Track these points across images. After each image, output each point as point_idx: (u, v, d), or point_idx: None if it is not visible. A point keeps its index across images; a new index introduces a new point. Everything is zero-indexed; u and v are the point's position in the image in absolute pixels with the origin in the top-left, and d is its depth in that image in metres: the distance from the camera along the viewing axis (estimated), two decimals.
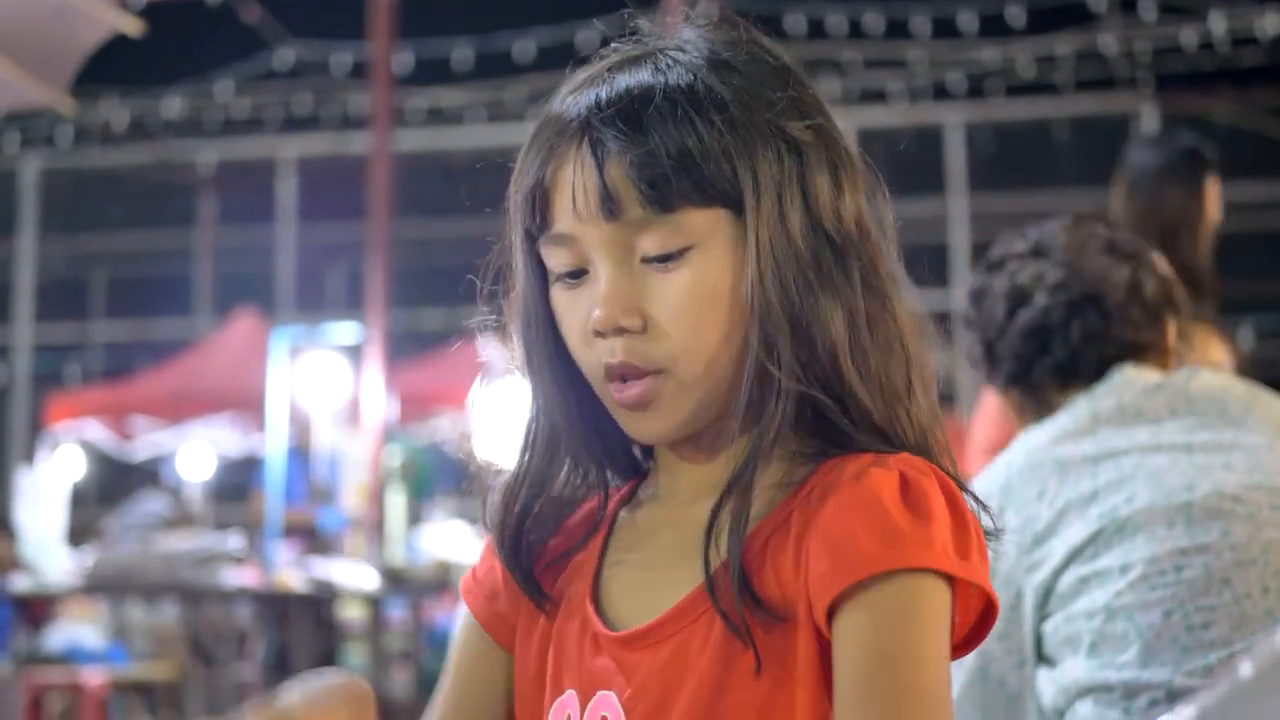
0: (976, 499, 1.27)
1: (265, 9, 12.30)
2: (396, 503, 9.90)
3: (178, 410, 11.58)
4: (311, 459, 10.75)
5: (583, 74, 1.36)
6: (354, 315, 11.31)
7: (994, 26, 12.83)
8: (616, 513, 1.39)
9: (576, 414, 1.36)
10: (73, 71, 5.10)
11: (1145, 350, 2.27)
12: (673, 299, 1.27)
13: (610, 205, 1.27)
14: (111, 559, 7.69)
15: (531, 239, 1.34)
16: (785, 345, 1.27)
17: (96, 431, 11.87)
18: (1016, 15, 12.60)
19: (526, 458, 1.38)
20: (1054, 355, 2.27)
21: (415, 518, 10.80)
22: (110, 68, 6.77)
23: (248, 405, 10.89)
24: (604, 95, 1.31)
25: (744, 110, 1.30)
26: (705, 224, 1.28)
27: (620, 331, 1.28)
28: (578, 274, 1.31)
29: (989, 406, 3.36)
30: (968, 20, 12.81)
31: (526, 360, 1.38)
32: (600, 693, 1.29)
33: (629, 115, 1.29)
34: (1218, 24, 12.68)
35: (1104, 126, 15.03)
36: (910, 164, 15.25)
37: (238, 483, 13.05)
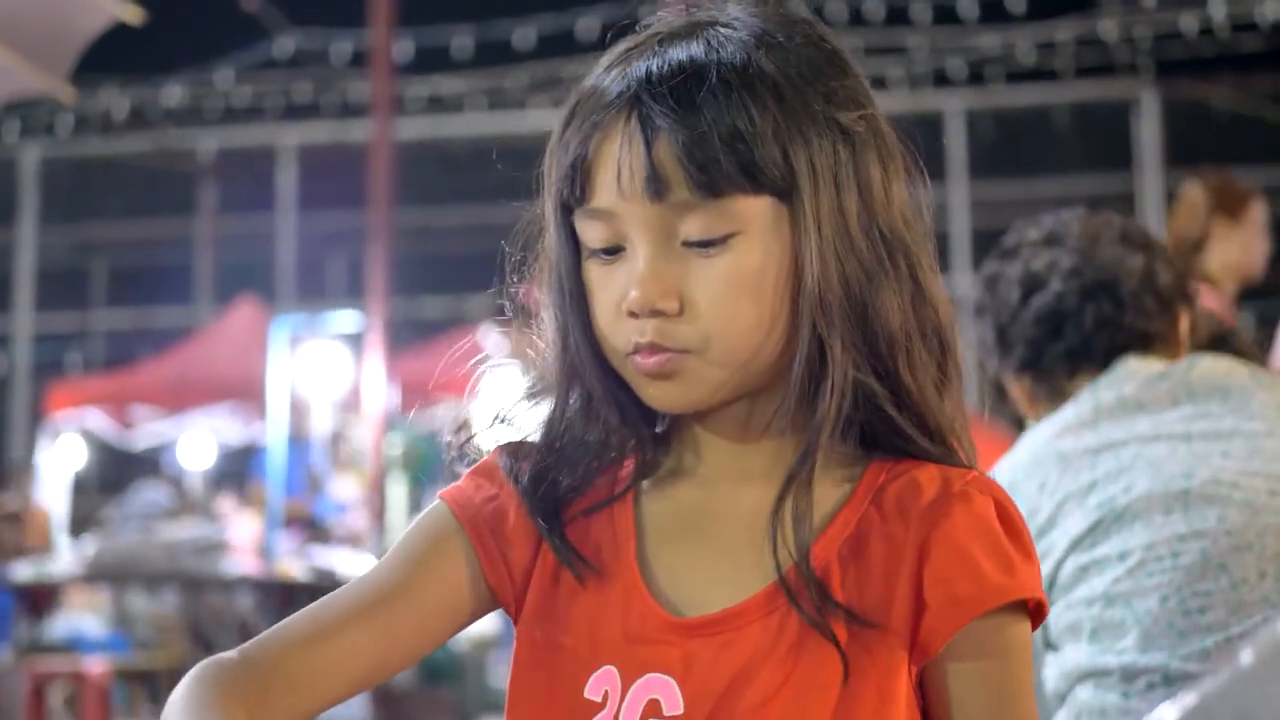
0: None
1: None
2: (397, 491, 9.91)
3: (178, 399, 11.59)
4: (310, 448, 10.76)
5: (626, 45, 1.31)
6: (354, 304, 11.31)
7: (994, 13, 12.82)
8: (636, 482, 1.35)
9: (606, 382, 1.31)
10: (73, 60, 5.10)
11: (1155, 340, 2.27)
12: (713, 284, 1.24)
13: (657, 186, 1.24)
14: (113, 548, 7.71)
15: (568, 211, 1.30)
16: (848, 335, 1.26)
17: (97, 420, 11.88)
18: (1017, 2, 12.59)
19: (558, 416, 1.34)
20: (1066, 341, 2.27)
21: (416, 506, 10.81)
22: (110, 56, 6.77)
23: (248, 394, 10.90)
24: (655, 69, 1.26)
25: (798, 95, 1.26)
26: (752, 211, 1.25)
27: (655, 314, 1.24)
28: (613, 250, 1.28)
29: None
30: (968, 7, 12.80)
31: (561, 331, 1.33)
32: (651, 675, 1.27)
33: (681, 93, 1.24)
34: (1218, 10, 12.67)
35: (1104, 113, 15.04)
36: (911, 151, 15.25)
37: (238, 471, 13.06)
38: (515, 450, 1.36)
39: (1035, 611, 1.27)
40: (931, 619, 1.23)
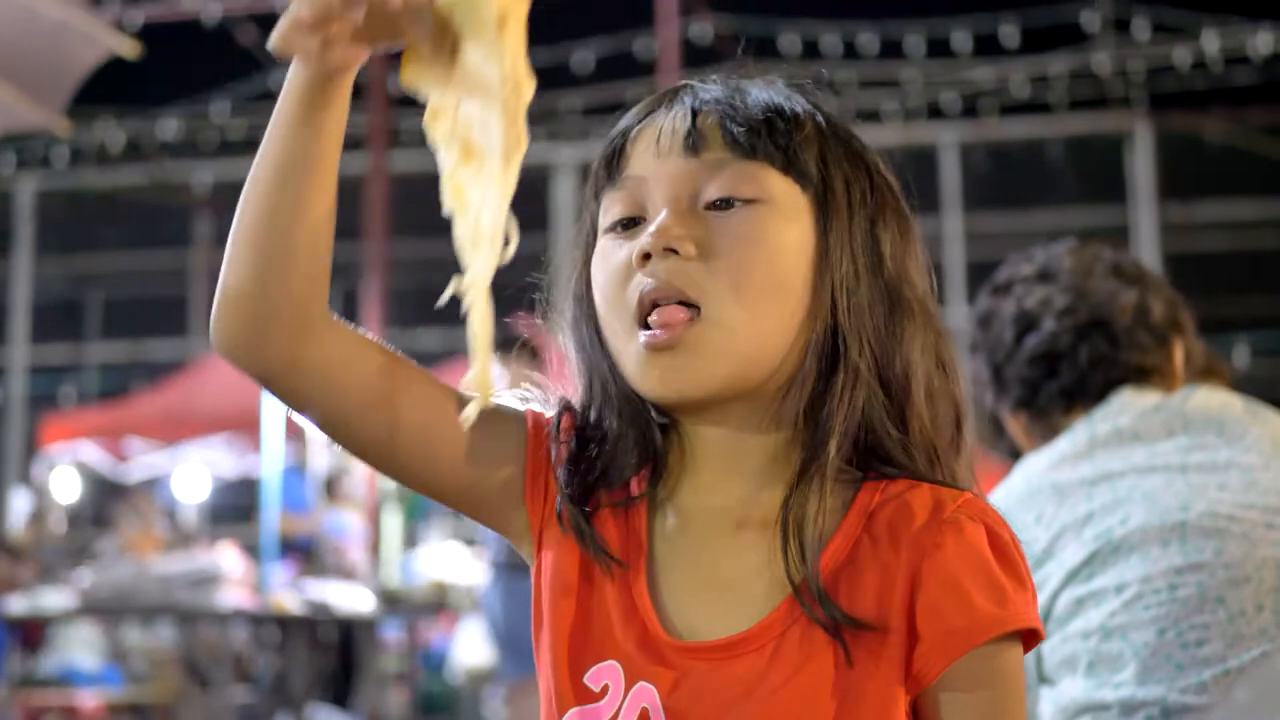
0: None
1: (261, 30, 12.30)
2: (392, 524, 9.88)
3: (173, 431, 11.57)
4: (306, 480, 10.73)
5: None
6: None
7: (988, 46, 12.86)
8: (652, 490, 1.36)
9: (620, 388, 1.34)
10: (69, 93, 5.11)
11: (1151, 373, 2.27)
12: (730, 233, 1.28)
13: (694, 140, 1.30)
14: (107, 581, 7.68)
15: (596, 197, 1.37)
16: (869, 344, 1.29)
17: (92, 453, 11.86)
18: (1010, 35, 12.63)
19: (582, 419, 1.37)
20: (1061, 380, 2.27)
21: (411, 539, 10.78)
22: (106, 89, 6.78)
23: (243, 426, 10.88)
24: (702, 79, 1.37)
25: (839, 130, 1.36)
26: (779, 188, 1.29)
27: (668, 254, 1.27)
28: (632, 223, 1.32)
29: None
30: (961, 40, 12.84)
31: (578, 345, 1.37)
32: (644, 684, 1.28)
33: (734, 87, 1.35)
34: (1211, 43, 12.71)
35: (1098, 146, 15.06)
36: (905, 183, 15.27)
37: (234, 504, 13.03)
38: (559, 426, 1.37)
39: (1029, 635, 1.28)
40: (925, 650, 1.24)
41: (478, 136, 1.17)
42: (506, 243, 1.17)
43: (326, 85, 1.24)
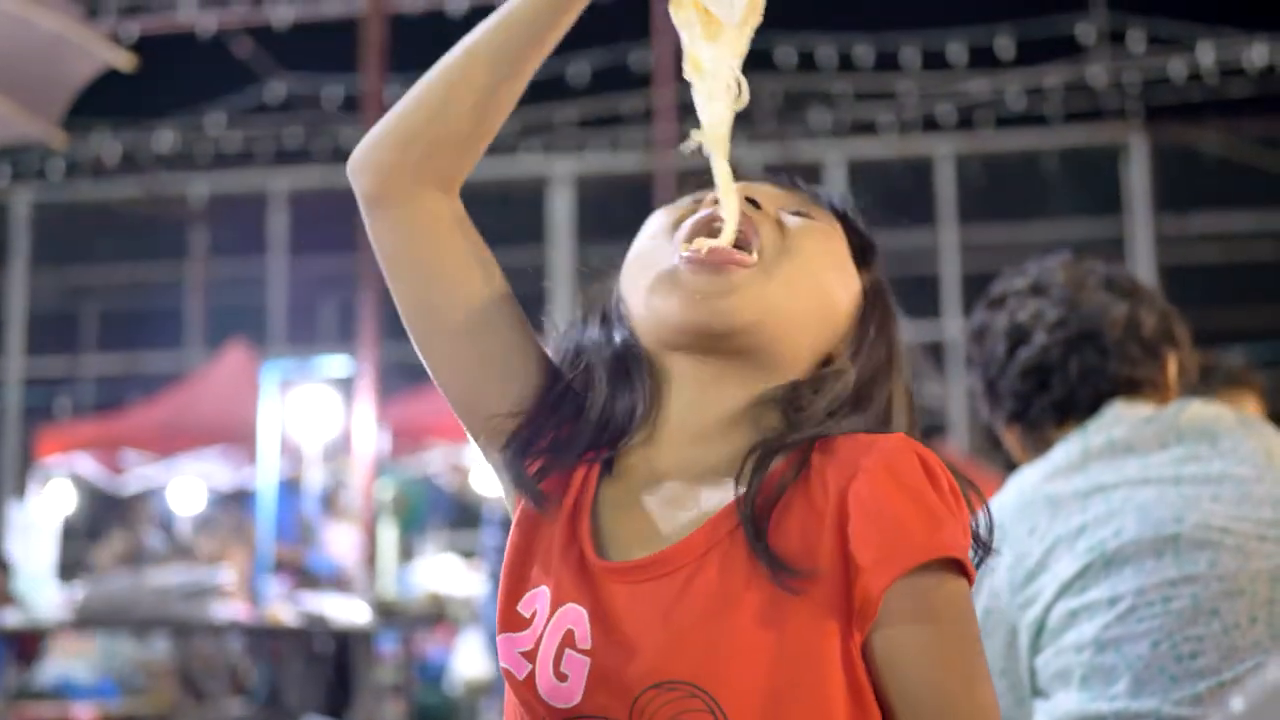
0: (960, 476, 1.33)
1: (256, 42, 12.32)
2: (388, 536, 9.88)
3: (169, 444, 11.55)
4: (302, 494, 10.73)
5: None
6: (345, 348, 11.30)
7: (983, 58, 12.87)
8: (613, 450, 1.41)
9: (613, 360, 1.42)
10: (65, 105, 5.11)
11: (1143, 386, 2.27)
12: (807, 232, 1.39)
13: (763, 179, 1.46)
14: (102, 593, 7.66)
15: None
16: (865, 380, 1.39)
17: (87, 465, 11.84)
18: (1005, 47, 12.64)
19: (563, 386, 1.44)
20: (1052, 393, 2.27)
21: (407, 551, 10.77)
22: (102, 101, 6.78)
23: (239, 439, 10.86)
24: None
25: (858, 227, 1.48)
26: (830, 223, 1.43)
27: (751, 205, 1.39)
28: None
29: None
30: (957, 52, 12.85)
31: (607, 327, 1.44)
32: (571, 605, 1.31)
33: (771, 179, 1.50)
34: (1206, 55, 12.73)
35: (1093, 158, 15.08)
36: (900, 195, 15.28)
37: (231, 516, 13.00)
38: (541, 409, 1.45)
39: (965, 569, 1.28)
40: (863, 579, 1.23)
41: (719, 11, 1.36)
42: (739, 93, 1.36)
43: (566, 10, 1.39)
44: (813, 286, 1.37)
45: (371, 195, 1.43)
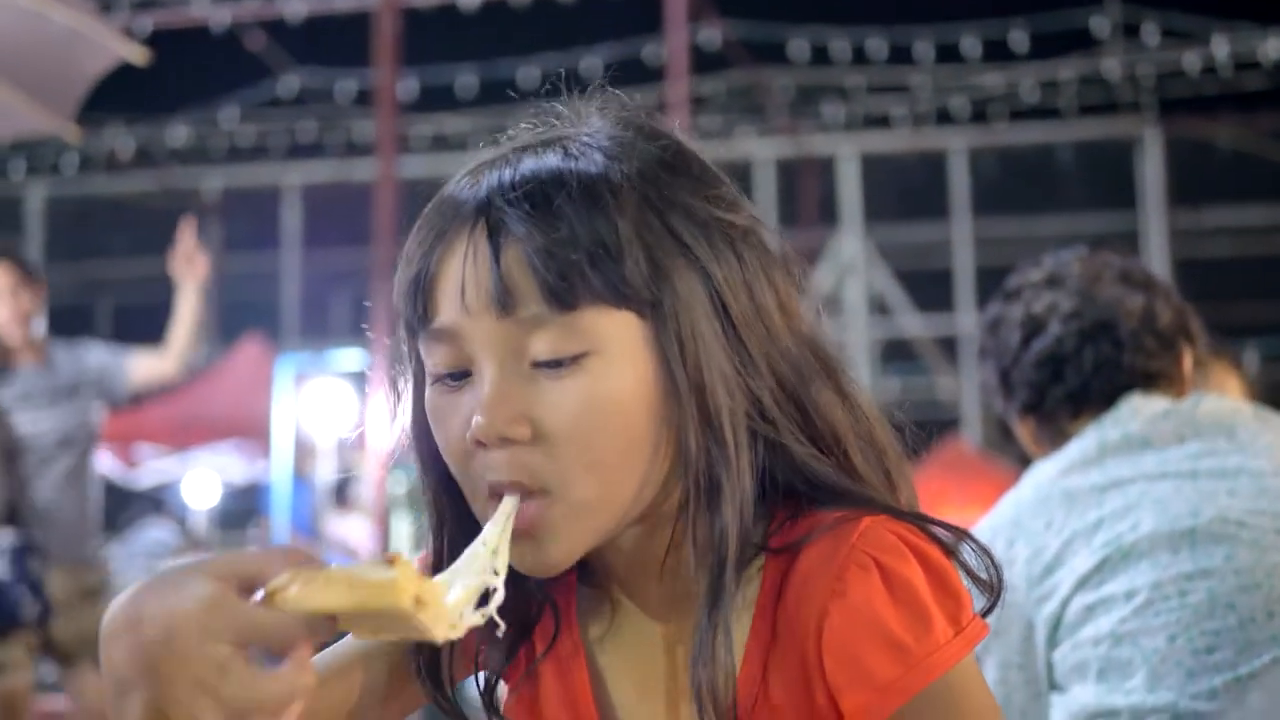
0: (957, 532, 1.21)
1: (270, 37, 12.32)
2: (401, 529, 9.89)
3: (183, 437, 11.58)
4: (315, 488, 10.75)
5: (484, 156, 1.22)
6: (359, 342, 11.32)
7: (997, 51, 12.85)
8: (583, 628, 1.29)
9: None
10: (79, 100, 5.13)
11: (1158, 379, 2.27)
12: (565, 407, 1.12)
13: (504, 299, 1.13)
14: (117, 587, 7.68)
15: (413, 334, 1.19)
16: (790, 433, 1.18)
17: (102, 459, 11.87)
18: (1020, 40, 12.62)
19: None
20: (1066, 384, 2.27)
21: (420, 544, 10.76)
22: (116, 95, 6.80)
23: (253, 432, 10.89)
24: (508, 176, 1.17)
25: (667, 198, 1.17)
26: (610, 328, 1.13)
27: (505, 443, 1.13)
28: (459, 375, 1.17)
29: None
30: (971, 45, 12.83)
31: (422, 470, 1.27)
32: None
33: (537, 198, 1.14)
34: (1220, 48, 12.70)
35: (1107, 151, 15.05)
36: (914, 189, 15.27)
37: (243, 510, 13.04)
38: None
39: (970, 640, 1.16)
40: None
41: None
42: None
43: None
44: (606, 454, 1.14)
45: None
